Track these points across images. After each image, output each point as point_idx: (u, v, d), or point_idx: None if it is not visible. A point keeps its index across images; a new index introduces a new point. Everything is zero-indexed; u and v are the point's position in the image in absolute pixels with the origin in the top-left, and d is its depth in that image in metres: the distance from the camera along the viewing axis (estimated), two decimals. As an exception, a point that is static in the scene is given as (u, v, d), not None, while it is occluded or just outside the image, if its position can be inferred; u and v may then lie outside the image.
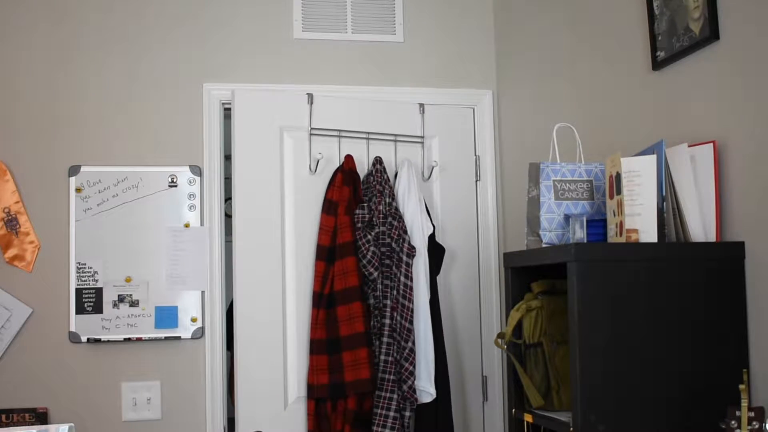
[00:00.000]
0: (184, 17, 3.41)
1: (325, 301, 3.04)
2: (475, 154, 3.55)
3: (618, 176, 2.06)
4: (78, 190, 3.25)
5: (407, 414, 2.99)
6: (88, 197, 3.25)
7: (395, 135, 3.31)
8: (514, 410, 2.36)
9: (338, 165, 3.19)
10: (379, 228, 3.06)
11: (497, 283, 3.49)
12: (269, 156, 3.14)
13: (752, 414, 1.72)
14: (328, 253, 3.07)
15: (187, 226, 3.31)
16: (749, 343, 2.02)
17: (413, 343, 3.01)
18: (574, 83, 2.95)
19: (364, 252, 3.02)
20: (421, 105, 3.39)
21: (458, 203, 3.45)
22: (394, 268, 3.04)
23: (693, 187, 2.12)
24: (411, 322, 3.01)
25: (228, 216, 3.33)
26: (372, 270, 3.02)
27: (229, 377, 3.70)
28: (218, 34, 3.43)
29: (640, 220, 2.06)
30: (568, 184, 2.28)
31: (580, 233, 2.12)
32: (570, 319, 1.99)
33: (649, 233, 2.05)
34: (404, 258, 3.03)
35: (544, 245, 2.26)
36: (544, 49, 3.20)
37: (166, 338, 3.26)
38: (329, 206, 3.11)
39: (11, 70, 3.27)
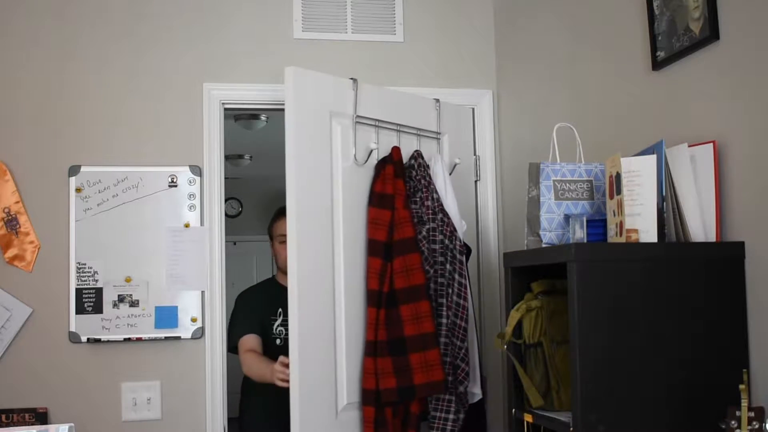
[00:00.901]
0: (184, 17, 3.41)
1: (384, 299, 2.86)
2: (475, 154, 3.55)
3: (618, 176, 2.06)
4: (78, 190, 3.25)
5: (461, 416, 2.88)
6: (88, 197, 3.25)
7: (418, 129, 3.21)
8: (514, 410, 2.36)
9: (379, 156, 3.04)
10: (429, 224, 2.94)
11: (497, 283, 3.49)
12: (320, 143, 2.91)
13: (752, 414, 1.72)
14: (384, 249, 2.89)
15: (187, 226, 3.31)
16: (749, 343, 2.02)
17: (468, 343, 2.92)
18: (574, 83, 2.96)
19: (421, 249, 2.89)
20: (437, 100, 3.33)
21: (458, 203, 3.44)
22: (448, 265, 2.92)
23: (693, 187, 2.12)
24: (466, 322, 2.92)
25: (228, 216, 3.33)
26: (428, 267, 2.90)
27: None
28: (218, 34, 3.43)
29: (640, 220, 2.06)
30: (568, 184, 2.28)
31: (580, 233, 2.12)
32: (570, 319, 1.99)
33: (649, 233, 2.05)
34: (458, 256, 2.93)
35: (544, 245, 2.26)
36: (544, 49, 3.20)
37: (166, 338, 3.26)
38: (381, 199, 2.92)
39: (11, 70, 3.27)
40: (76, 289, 3.21)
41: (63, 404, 3.17)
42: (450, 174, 3.27)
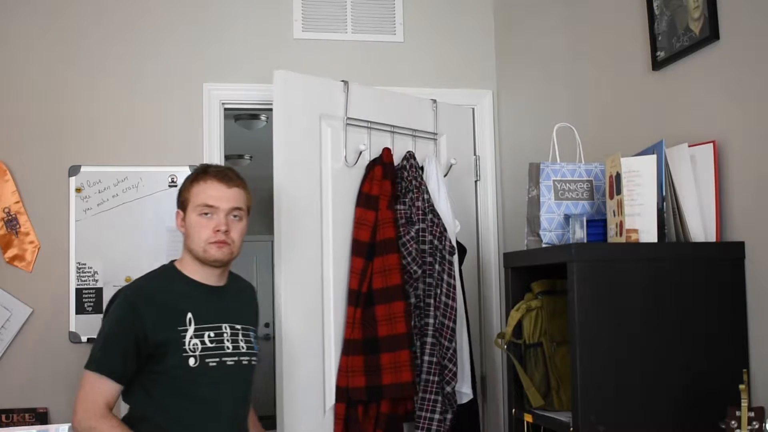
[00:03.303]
0: (184, 17, 3.41)
1: (363, 299, 2.89)
2: (475, 154, 3.55)
3: (618, 176, 2.06)
4: (78, 190, 3.25)
5: (449, 416, 2.88)
6: (88, 197, 3.25)
7: (413, 130, 3.23)
8: (514, 410, 2.36)
9: (371, 157, 3.08)
10: (419, 225, 2.96)
11: (497, 283, 3.49)
12: (310, 145, 2.96)
13: (752, 414, 1.72)
14: (367, 249, 2.93)
15: (187, 226, 3.31)
16: (749, 343, 2.02)
17: (456, 343, 2.92)
18: (574, 83, 2.96)
19: (409, 249, 2.91)
20: (434, 101, 3.34)
21: (458, 203, 3.44)
22: (437, 266, 2.94)
23: (693, 187, 2.12)
24: (455, 322, 2.92)
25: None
26: (416, 268, 2.91)
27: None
28: (218, 35, 3.42)
29: (640, 220, 2.06)
30: (568, 184, 2.28)
31: (580, 233, 2.12)
32: (570, 319, 1.99)
33: (649, 233, 2.05)
34: (447, 256, 2.94)
35: (544, 245, 2.26)
36: (544, 49, 3.20)
37: (166, 338, 3.26)
38: (367, 200, 2.97)
39: (11, 70, 3.26)
40: (76, 289, 3.21)
41: (63, 404, 3.16)
42: (445, 175, 3.27)
